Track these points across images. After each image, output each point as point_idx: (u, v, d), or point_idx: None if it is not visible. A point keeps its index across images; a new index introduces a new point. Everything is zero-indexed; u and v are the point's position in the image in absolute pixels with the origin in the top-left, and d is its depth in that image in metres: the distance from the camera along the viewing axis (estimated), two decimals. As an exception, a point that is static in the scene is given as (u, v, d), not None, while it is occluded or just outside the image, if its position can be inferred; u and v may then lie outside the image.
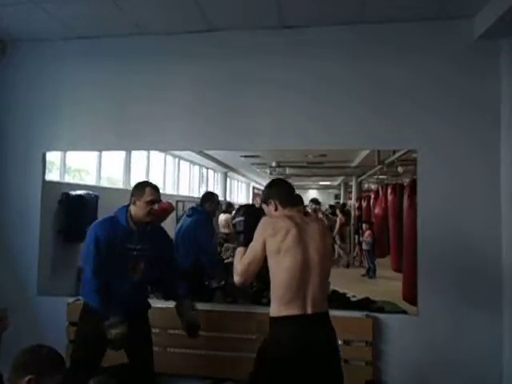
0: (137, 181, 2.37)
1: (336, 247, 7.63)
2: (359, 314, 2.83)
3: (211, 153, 7.42)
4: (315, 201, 5.79)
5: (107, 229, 2.19)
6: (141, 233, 2.25)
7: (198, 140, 3.19)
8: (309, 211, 5.21)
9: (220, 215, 6.95)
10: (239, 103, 3.08)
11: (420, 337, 2.76)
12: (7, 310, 2.10)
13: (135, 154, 6.23)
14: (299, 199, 3.43)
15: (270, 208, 1.96)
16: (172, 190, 7.71)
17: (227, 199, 10.40)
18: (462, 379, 2.69)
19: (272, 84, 3.03)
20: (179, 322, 2.92)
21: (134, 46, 3.20)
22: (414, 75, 2.86)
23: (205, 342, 2.94)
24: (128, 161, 6.11)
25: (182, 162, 8.29)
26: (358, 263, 7.99)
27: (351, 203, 9.81)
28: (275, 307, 1.83)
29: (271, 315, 1.85)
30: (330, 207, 9.00)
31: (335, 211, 8.43)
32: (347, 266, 7.78)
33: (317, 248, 1.84)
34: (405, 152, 4.29)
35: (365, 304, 3.16)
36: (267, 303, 3.15)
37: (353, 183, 10.00)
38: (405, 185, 4.25)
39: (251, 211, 2.06)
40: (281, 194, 1.96)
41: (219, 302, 3.25)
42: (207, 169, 9.90)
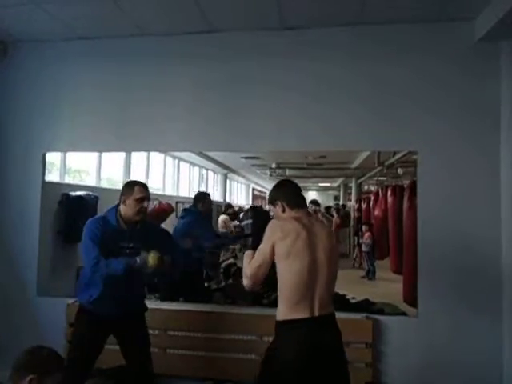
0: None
1: None
2: (359, 316, 2.82)
3: (211, 154, 7.43)
4: (315, 202, 5.79)
5: (101, 225, 2.20)
6: (131, 231, 2.24)
7: (198, 141, 3.19)
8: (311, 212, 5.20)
9: (220, 216, 6.95)
10: (239, 104, 3.08)
11: (420, 338, 2.76)
12: None
13: (135, 155, 6.24)
14: (318, 202, 3.45)
15: (278, 209, 1.94)
16: (172, 191, 7.71)
17: (227, 200, 10.40)
18: (462, 381, 2.68)
19: (272, 85, 3.03)
20: (178, 324, 2.94)
21: (135, 47, 3.20)
22: (415, 77, 2.86)
23: (204, 344, 2.95)
24: (128, 162, 6.11)
25: (182, 163, 8.29)
26: (358, 265, 7.99)
27: (351, 205, 9.82)
28: (283, 310, 1.82)
29: (278, 319, 1.83)
30: (326, 209, 8.97)
31: (331, 213, 8.41)
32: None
33: (324, 250, 1.83)
34: (405, 154, 4.29)
35: (364, 306, 3.17)
36: (267, 304, 3.19)
37: (352, 185, 10.00)
38: (405, 186, 4.26)
39: (259, 214, 2.06)
40: (288, 196, 1.94)
41: (219, 304, 3.25)
42: (207, 170, 9.91)
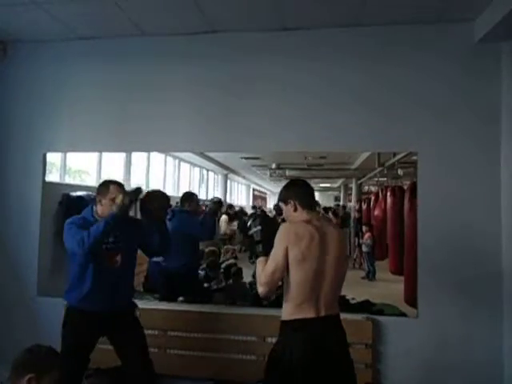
0: (137, 182, 2.38)
1: None
2: (359, 317, 2.83)
3: (212, 155, 7.39)
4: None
5: (81, 223, 2.21)
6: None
7: (199, 142, 3.20)
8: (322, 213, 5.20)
9: (222, 217, 6.94)
10: (240, 105, 3.09)
11: (420, 339, 2.76)
12: None
13: (135, 156, 6.21)
14: (316, 202, 3.43)
15: (289, 208, 1.92)
16: (172, 192, 7.70)
17: (228, 201, 10.38)
18: (463, 381, 2.69)
19: (273, 85, 3.04)
20: (178, 324, 2.93)
21: (135, 47, 3.21)
22: (415, 78, 2.87)
23: (205, 344, 2.95)
24: (128, 162, 6.08)
25: (183, 164, 8.28)
26: (358, 265, 7.97)
27: (351, 205, 9.80)
28: (288, 310, 1.81)
29: (283, 318, 1.82)
30: (325, 210, 8.93)
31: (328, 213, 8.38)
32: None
33: (334, 252, 1.83)
34: (405, 154, 4.27)
35: (364, 306, 3.16)
36: (268, 305, 3.18)
37: (353, 185, 9.98)
38: (405, 187, 4.24)
39: (267, 220, 2.05)
40: (300, 195, 1.92)
41: (219, 304, 3.24)
42: (207, 170, 9.88)
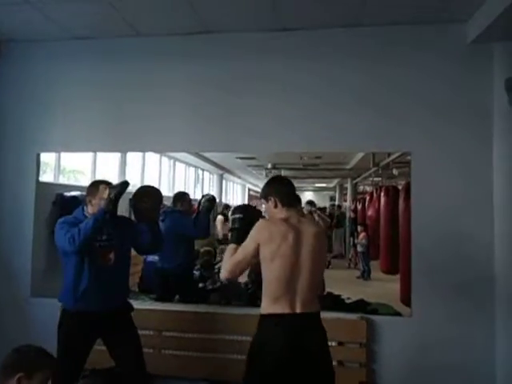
0: (132, 182, 2.37)
1: None
2: (353, 316, 2.84)
3: (207, 155, 7.40)
4: (311, 203, 5.80)
5: (72, 222, 2.22)
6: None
7: (195, 142, 3.18)
8: (305, 213, 5.22)
9: (218, 216, 6.95)
10: (237, 105, 3.08)
11: (414, 338, 2.77)
12: None
13: (130, 155, 6.21)
14: (298, 199, 3.44)
15: (270, 204, 1.96)
16: (167, 192, 7.69)
17: (223, 201, 10.38)
18: (456, 380, 2.70)
19: (271, 85, 3.04)
20: (173, 324, 2.93)
21: (130, 48, 3.20)
22: (408, 79, 2.88)
23: (200, 344, 2.95)
24: (123, 162, 6.09)
25: (178, 164, 8.27)
26: (354, 265, 8.00)
27: (346, 205, 9.83)
28: (265, 304, 1.86)
29: (261, 312, 1.87)
30: (319, 210, 8.93)
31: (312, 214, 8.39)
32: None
33: (310, 250, 1.85)
34: (400, 154, 4.30)
35: (359, 306, 3.17)
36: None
37: (348, 185, 10.02)
38: (399, 187, 4.27)
39: (250, 210, 2.07)
40: (282, 192, 1.96)
41: (214, 304, 3.25)
42: (203, 170, 9.89)
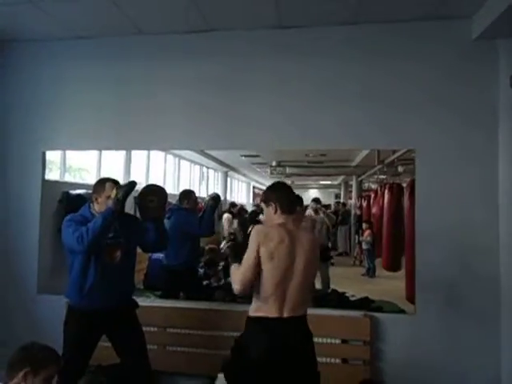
0: (137, 180, 2.39)
1: None
2: (357, 314, 2.83)
3: (212, 153, 7.43)
4: (316, 200, 5.79)
5: (80, 220, 2.23)
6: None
7: (200, 140, 3.19)
8: (310, 212, 5.23)
9: (224, 215, 6.99)
10: (242, 103, 3.08)
11: (418, 336, 2.77)
12: None
13: (135, 153, 6.24)
14: (299, 200, 3.47)
15: (270, 210, 2.01)
16: (172, 190, 7.72)
17: (228, 199, 10.41)
18: (460, 379, 2.70)
19: (274, 83, 3.04)
20: (178, 321, 2.95)
21: (134, 46, 3.21)
22: (412, 75, 2.86)
23: (204, 341, 2.96)
24: (128, 160, 6.12)
25: (183, 162, 8.30)
26: (359, 263, 7.99)
27: (351, 203, 9.82)
28: (253, 306, 1.92)
29: (249, 314, 1.92)
30: (324, 207, 8.84)
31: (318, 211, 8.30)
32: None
33: (304, 257, 1.90)
34: (404, 151, 4.28)
35: (363, 303, 3.17)
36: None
37: (353, 183, 10.00)
38: (403, 185, 4.25)
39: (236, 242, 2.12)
40: (282, 199, 2.01)
41: (219, 301, 3.26)
42: (208, 168, 9.91)
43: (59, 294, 3.17)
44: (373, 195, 6.69)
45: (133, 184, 2.25)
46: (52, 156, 3.81)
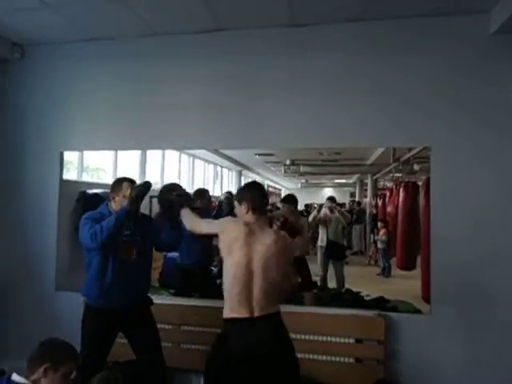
0: (152, 180, 2.43)
1: None
2: (371, 313, 2.81)
3: (226, 152, 7.44)
4: (332, 199, 5.71)
5: (97, 217, 2.28)
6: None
7: (214, 139, 3.21)
8: (326, 211, 5.18)
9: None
10: (256, 102, 3.08)
11: (433, 336, 2.73)
12: None
13: (150, 153, 6.30)
14: (294, 200, 3.58)
15: (242, 208, 2.05)
16: (187, 189, 7.77)
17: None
18: (476, 379, 2.65)
19: (287, 81, 3.03)
20: (193, 319, 2.97)
21: (147, 47, 3.25)
22: (428, 72, 2.82)
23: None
24: (143, 160, 6.17)
25: (197, 161, 8.34)
26: (374, 262, 7.90)
27: (367, 201, 9.72)
28: (225, 308, 1.95)
29: (223, 316, 1.96)
30: (305, 206, 8.33)
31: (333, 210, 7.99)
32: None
33: (263, 258, 1.92)
34: (420, 149, 4.21)
35: (379, 303, 3.14)
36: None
37: (368, 181, 9.87)
38: (418, 183, 4.19)
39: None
40: (254, 199, 2.04)
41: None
42: (222, 167, 9.92)
43: (76, 291, 3.26)
44: (388, 194, 6.60)
45: (148, 184, 2.30)
46: (70, 156, 3.88)
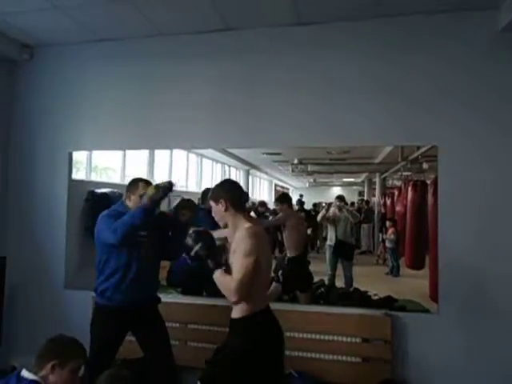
0: (160, 179, 2.46)
1: None
2: (377, 313, 2.80)
3: (233, 151, 7.45)
4: (340, 198, 5.68)
5: (115, 215, 2.30)
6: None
7: (221, 138, 3.22)
8: (335, 210, 5.18)
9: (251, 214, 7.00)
10: (263, 101, 3.09)
11: (440, 336, 2.71)
12: None
13: (159, 153, 6.34)
14: (287, 198, 3.62)
15: (219, 207, 1.96)
16: (195, 188, 7.80)
17: (249, 196, 10.40)
18: (483, 379, 2.63)
19: (296, 80, 3.02)
20: (200, 318, 2.99)
21: (155, 47, 3.27)
22: (435, 70, 2.80)
23: (224, 337, 2.98)
24: (151, 159, 6.21)
25: (205, 160, 8.36)
26: (382, 261, 7.85)
27: (375, 200, 9.66)
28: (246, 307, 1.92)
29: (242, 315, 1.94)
30: (314, 206, 8.06)
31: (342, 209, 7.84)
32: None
33: (268, 254, 2.03)
34: (429, 148, 4.18)
35: (387, 302, 3.13)
36: (287, 300, 3.21)
37: (376, 180, 9.81)
38: (427, 182, 4.16)
39: (201, 233, 1.95)
40: (234, 196, 1.96)
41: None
42: (229, 166, 9.94)
43: (85, 289, 3.30)
44: (397, 192, 6.56)
45: (171, 184, 2.30)
46: (79, 156, 3.92)
